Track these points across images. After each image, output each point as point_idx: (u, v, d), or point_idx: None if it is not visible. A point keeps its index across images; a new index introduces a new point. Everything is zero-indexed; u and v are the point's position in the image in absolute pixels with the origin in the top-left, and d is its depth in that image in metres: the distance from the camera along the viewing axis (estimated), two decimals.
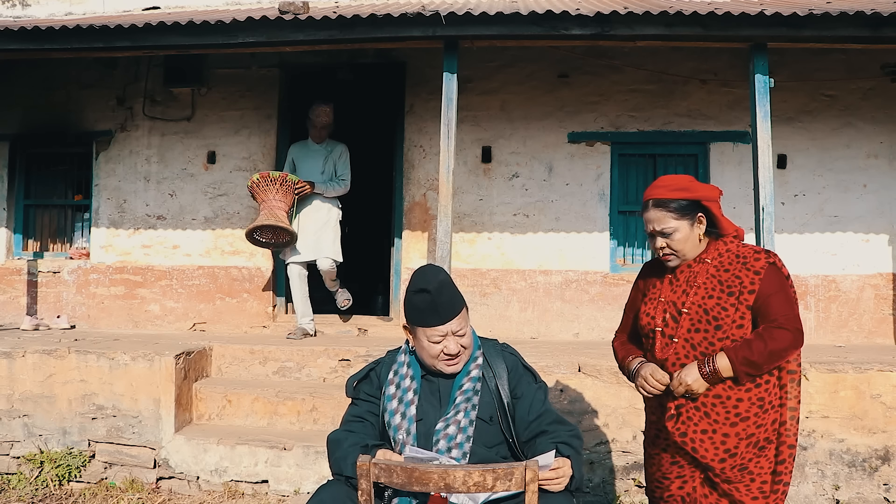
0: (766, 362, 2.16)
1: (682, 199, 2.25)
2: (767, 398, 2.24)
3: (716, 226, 2.30)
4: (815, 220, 6.06)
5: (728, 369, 2.17)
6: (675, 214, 2.26)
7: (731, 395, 2.20)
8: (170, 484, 4.46)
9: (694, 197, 2.26)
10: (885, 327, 6.02)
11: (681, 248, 2.28)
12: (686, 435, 2.25)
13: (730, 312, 2.20)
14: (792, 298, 2.23)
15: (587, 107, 6.30)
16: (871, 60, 5.98)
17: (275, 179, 5.35)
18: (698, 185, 2.29)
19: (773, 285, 2.19)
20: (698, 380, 2.20)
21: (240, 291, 6.52)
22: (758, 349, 2.14)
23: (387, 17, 4.73)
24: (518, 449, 2.23)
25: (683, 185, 2.27)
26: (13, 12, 7.25)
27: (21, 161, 7.00)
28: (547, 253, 6.28)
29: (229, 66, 6.54)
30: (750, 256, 2.24)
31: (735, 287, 2.21)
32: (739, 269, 2.22)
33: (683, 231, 2.26)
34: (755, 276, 2.19)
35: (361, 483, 1.85)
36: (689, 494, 2.32)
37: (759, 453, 2.23)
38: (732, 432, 2.21)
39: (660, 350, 2.32)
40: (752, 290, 2.19)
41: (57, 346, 4.81)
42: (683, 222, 2.25)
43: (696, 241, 2.28)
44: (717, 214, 2.28)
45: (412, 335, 2.27)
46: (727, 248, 2.28)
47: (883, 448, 4.20)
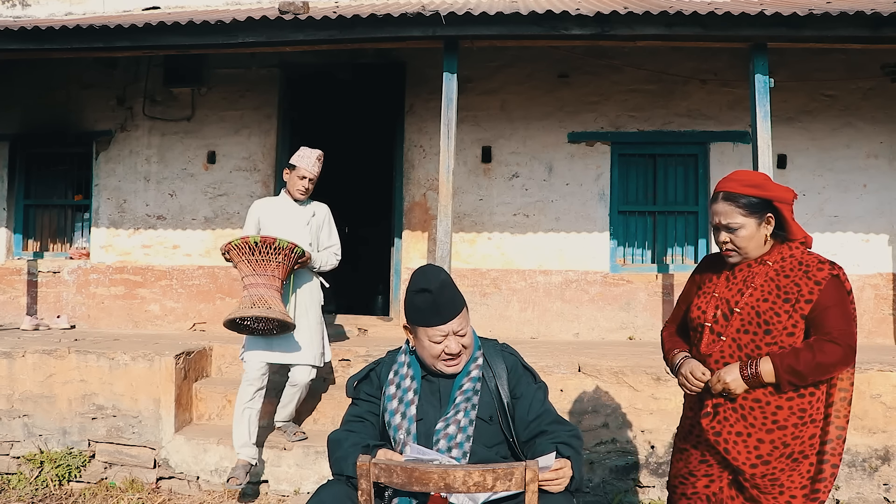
0: (812, 374, 2.11)
1: (752, 196, 2.19)
2: (809, 411, 2.18)
3: (784, 229, 2.23)
4: (815, 220, 6.06)
5: (771, 375, 2.13)
6: (744, 211, 2.20)
7: (771, 402, 2.17)
8: (170, 484, 4.45)
9: (766, 196, 2.19)
10: (885, 327, 6.02)
11: (744, 246, 2.23)
12: (720, 434, 2.22)
13: (782, 318, 2.15)
14: (849, 314, 2.16)
15: (587, 107, 6.30)
16: (871, 60, 5.98)
17: (272, 248, 3.82)
18: (773, 185, 2.22)
19: (832, 298, 2.14)
20: (737, 380, 2.17)
21: (240, 291, 6.51)
22: (805, 360, 2.10)
23: (387, 17, 4.73)
24: (518, 449, 2.23)
25: (757, 182, 2.21)
26: (13, 12, 7.25)
27: (21, 161, 7.00)
28: (547, 253, 6.28)
29: (229, 66, 6.54)
30: (813, 265, 2.18)
31: (792, 294, 2.16)
32: (800, 276, 2.17)
33: (749, 229, 2.20)
34: (815, 286, 2.14)
35: (361, 483, 1.84)
36: (714, 494, 2.29)
37: (792, 466, 2.19)
38: (767, 439, 2.17)
39: (705, 346, 2.29)
40: (809, 299, 2.14)
41: (57, 346, 4.81)
42: (751, 220, 2.20)
43: (760, 241, 2.22)
44: (788, 217, 2.21)
45: (413, 335, 2.27)
46: (791, 254, 2.22)
47: (883, 448, 4.20)
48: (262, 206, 4.30)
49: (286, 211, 4.26)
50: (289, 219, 4.23)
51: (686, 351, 2.41)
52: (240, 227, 6.55)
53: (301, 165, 4.23)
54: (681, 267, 6.29)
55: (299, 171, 4.23)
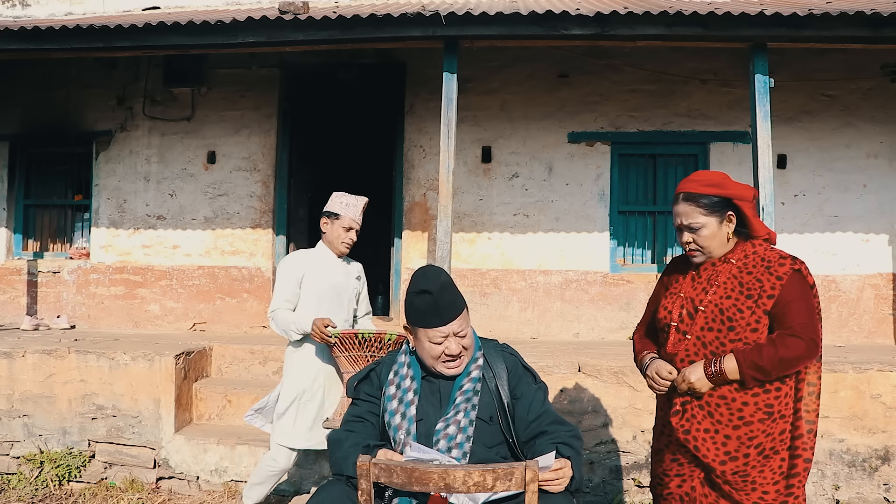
0: (775, 369, 2.13)
1: (713, 196, 2.22)
2: (777, 406, 2.19)
3: (746, 226, 2.26)
4: (815, 220, 6.07)
5: (735, 371, 2.15)
6: (704, 210, 2.23)
7: (737, 398, 2.18)
8: (170, 484, 4.45)
9: (725, 194, 2.22)
10: (885, 327, 6.02)
11: (707, 245, 2.25)
12: (689, 433, 2.24)
13: (745, 315, 2.17)
14: (812, 308, 2.18)
15: (587, 107, 6.30)
16: (871, 60, 5.98)
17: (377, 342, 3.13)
18: (732, 183, 2.25)
19: (794, 292, 2.15)
20: (702, 378, 2.19)
21: (240, 291, 6.52)
22: (767, 355, 2.11)
23: (387, 17, 4.73)
24: (518, 449, 2.23)
25: (716, 181, 2.24)
26: (13, 12, 7.25)
27: (21, 161, 7.00)
28: (547, 253, 6.28)
29: (229, 66, 6.54)
30: (775, 261, 2.19)
31: (755, 290, 2.17)
32: (762, 272, 2.18)
33: (711, 228, 2.23)
34: (777, 281, 2.15)
35: (361, 483, 1.85)
36: (687, 494, 2.31)
37: (763, 462, 2.19)
38: (734, 435, 2.18)
39: (671, 345, 2.31)
40: (771, 294, 2.15)
41: (57, 346, 4.81)
42: (712, 219, 2.23)
43: (723, 240, 2.25)
44: (749, 215, 2.23)
45: (413, 336, 2.27)
46: (754, 251, 2.25)
47: (883, 448, 4.20)
48: (302, 262, 3.45)
49: (332, 270, 3.47)
50: (337, 280, 3.47)
51: (655, 352, 2.44)
52: (240, 227, 6.56)
53: (347, 215, 3.48)
54: None
55: (344, 222, 3.48)
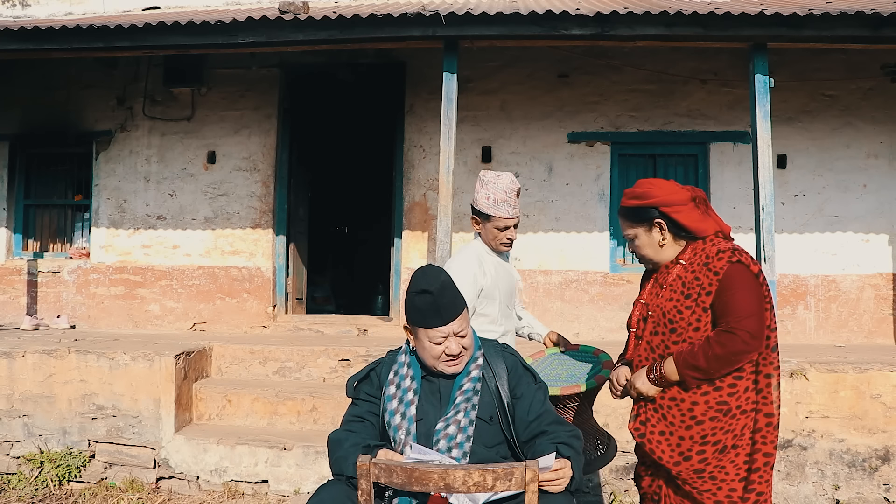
0: (713, 367, 2.10)
1: (633, 207, 2.28)
2: (734, 403, 2.15)
3: (685, 229, 2.24)
4: (815, 220, 6.07)
5: (674, 373, 2.15)
6: (630, 221, 2.29)
7: (686, 398, 2.17)
8: (170, 484, 4.45)
9: (646, 204, 2.24)
10: (885, 327, 6.02)
11: (644, 254, 2.30)
12: (644, 436, 2.26)
13: (685, 315, 2.16)
14: (751, 300, 2.11)
15: (587, 107, 6.30)
16: (871, 60, 5.98)
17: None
18: (656, 192, 2.24)
19: (731, 286, 2.11)
20: (646, 383, 2.22)
21: (240, 291, 6.52)
22: (703, 354, 2.10)
23: (387, 17, 4.73)
24: (518, 449, 2.23)
25: (640, 192, 2.27)
26: (13, 12, 7.25)
27: (21, 161, 7.00)
28: (547, 253, 6.28)
29: (229, 66, 6.54)
30: (713, 256, 2.16)
31: (694, 289, 2.16)
32: (701, 269, 2.17)
33: (641, 237, 2.28)
34: (714, 276, 2.13)
35: (361, 483, 1.84)
36: (655, 493, 2.33)
37: (720, 458, 2.16)
38: (687, 435, 2.17)
39: (630, 351, 2.34)
40: (709, 291, 2.13)
41: (57, 346, 4.81)
42: (639, 229, 2.28)
43: (657, 247, 2.27)
44: (681, 219, 2.21)
45: (413, 336, 2.27)
46: (703, 248, 2.22)
47: (883, 448, 4.20)
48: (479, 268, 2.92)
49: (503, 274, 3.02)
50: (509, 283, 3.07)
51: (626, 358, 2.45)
52: (240, 227, 6.56)
53: (499, 215, 2.87)
54: None
55: (497, 223, 2.90)
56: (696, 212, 2.24)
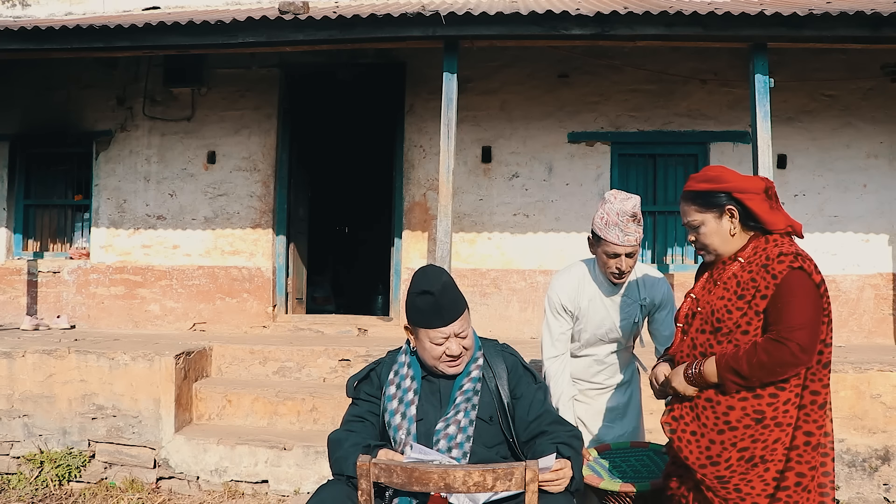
0: (755, 375, 1.98)
1: (706, 191, 2.12)
2: (771, 413, 2.02)
3: (756, 220, 2.11)
4: (815, 220, 6.06)
5: (714, 375, 2.04)
6: (699, 207, 2.14)
7: (722, 402, 2.06)
8: (170, 484, 4.46)
9: (719, 188, 2.11)
10: (885, 327, 6.02)
11: (709, 243, 2.15)
12: (675, 432, 2.16)
13: (734, 316, 2.04)
14: (810, 310, 1.97)
15: (587, 107, 6.30)
16: (871, 60, 5.98)
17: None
18: (732, 176, 2.13)
19: (788, 293, 1.97)
20: (682, 382, 2.11)
21: (240, 291, 6.52)
22: (746, 360, 1.98)
23: (387, 17, 4.73)
24: (518, 449, 2.23)
25: (713, 175, 2.14)
26: (13, 12, 7.25)
27: (21, 161, 7.00)
28: (547, 253, 6.28)
29: (229, 66, 6.54)
30: (774, 258, 2.02)
31: (749, 291, 2.03)
32: (759, 270, 2.03)
33: (710, 224, 2.13)
34: (772, 280, 2.00)
35: (361, 483, 1.84)
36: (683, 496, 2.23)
37: (748, 469, 2.04)
38: (718, 440, 2.06)
39: (674, 346, 2.24)
40: (764, 294, 2.00)
41: (57, 346, 4.81)
42: (708, 215, 2.13)
43: (726, 236, 2.13)
44: (755, 208, 2.09)
45: (414, 336, 2.27)
46: (765, 247, 2.08)
47: (883, 448, 4.20)
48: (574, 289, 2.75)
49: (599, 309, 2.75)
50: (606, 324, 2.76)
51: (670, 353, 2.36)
52: (240, 227, 6.56)
53: (609, 238, 2.60)
54: (681, 267, 6.29)
55: (607, 248, 2.63)
56: (766, 203, 2.13)
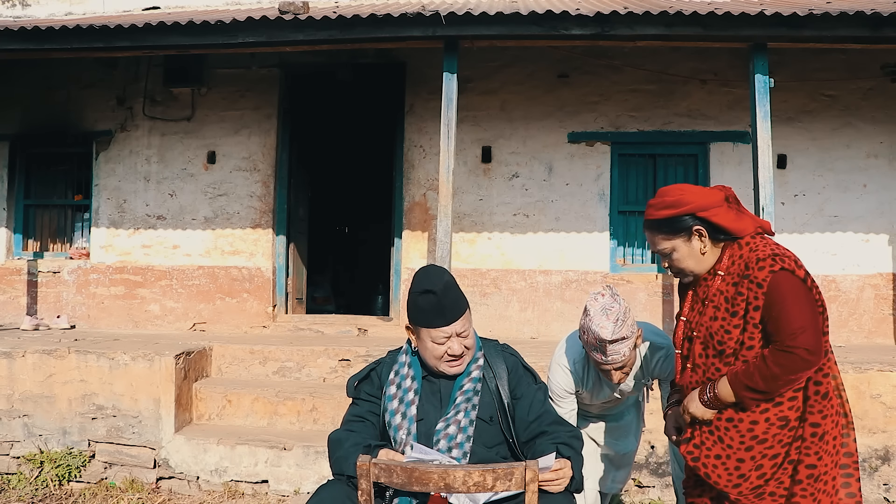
0: (773, 388, 1.94)
1: (670, 217, 2.06)
2: (794, 415, 2.01)
3: (725, 232, 2.06)
4: (815, 220, 6.06)
5: (730, 395, 2.00)
6: (665, 234, 2.09)
7: (744, 419, 2.01)
8: (170, 484, 4.45)
9: (683, 212, 2.05)
10: (885, 327, 6.02)
11: (684, 267, 2.11)
12: (698, 460, 2.10)
13: (733, 335, 2.00)
14: (802, 310, 1.93)
15: (587, 107, 6.30)
16: (871, 60, 5.98)
17: None
18: (690, 197, 2.06)
19: (780, 299, 1.93)
20: (699, 407, 2.06)
21: (240, 291, 6.52)
22: (759, 375, 1.94)
23: (387, 17, 4.73)
24: (518, 449, 2.23)
25: (671, 200, 2.07)
26: (13, 12, 7.25)
27: (21, 161, 7.00)
28: (547, 253, 6.28)
29: (229, 66, 6.54)
30: (754, 266, 1.97)
31: (740, 306, 1.99)
32: (742, 281, 1.99)
33: (681, 249, 2.09)
34: (758, 289, 1.95)
35: (361, 483, 1.84)
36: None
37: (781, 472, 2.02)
38: (747, 456, 2.02)
39: (679, 376, 2.18)
40: (756, 306, 1.96)
41: (57, 346, 4.81)
42: (677, 240, 2.08)
43: (699, 256, 2.09)
44: (721, 221, 2.05)
45: (415, 336, 2.27)
46: (741, 254, 2.04)
47: (883, 448, 4.20)
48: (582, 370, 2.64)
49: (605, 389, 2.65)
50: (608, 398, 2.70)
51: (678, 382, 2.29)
52: (240, 227, 6.56)
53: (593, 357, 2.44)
54: None
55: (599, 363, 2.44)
56: (731, 212, 2.08)
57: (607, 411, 2.82)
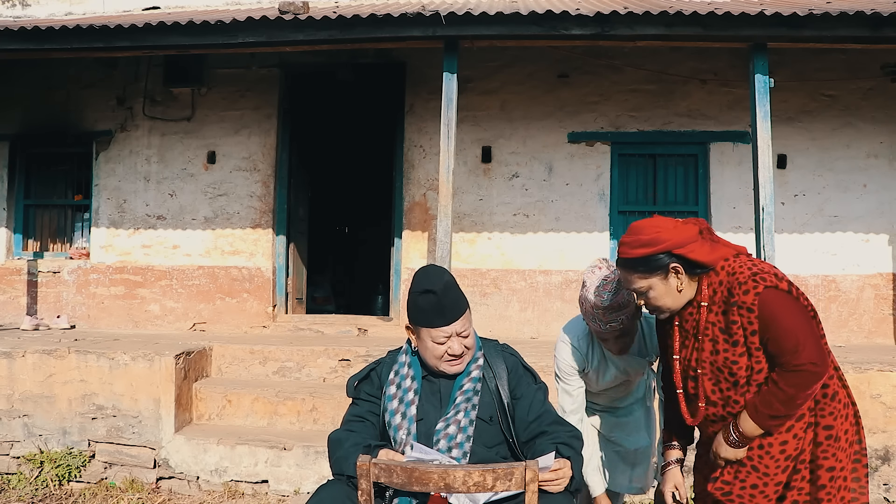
0: (793, 407, 1.94)
1: (646, 256, 2.02)
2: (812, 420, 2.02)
3: (700, 266, 2.04)
4: (815, 220, 6.07)
5: (756, 429, 1.98)
6: (641, 273, 2.05)
7: (773, 442, 2.00)
8: (170, 484, 4.46)
9: (659, 250, 2.01)
10: (885, 327, 6.02)
11: (661, 304, 2.08)
12: (731, 493, 2.05)
13: (742, 364, 1.98)
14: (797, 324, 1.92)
15: (587, 107, 6.30)
16: (871, 60, 5.98)
17: None
18: (666, 234, 2.02)
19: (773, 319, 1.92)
20: (731, 451, 2.03)
21: (240, 291, 6.52)
22: (776, 400, 1.93)
23: (387, 17, 4.73)
24: (518, 449, 2.23)
25: (647, 239, 2.03)
26: (13, 12, 7.25)
27: (21, 161, 7.00)
28: (547, 253, 6.28)
29: (229, 66, 6.54)
30: (738, 292, 1.95)
31: (737, 334, 1.97)
32: (731, 309, 1.97)
33: (658, 288, 2.05)
34: (749, 314, 1.94)
35: (361, 483, 1.84)
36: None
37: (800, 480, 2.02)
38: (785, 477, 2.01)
39: (689, 416, 2.14)
40: (753, 330, 1.95)
41: (57, 346, 4.81)
42: (654, 279, 2.04)
43: (675, 294, 2.06)
44: (698, 257, 2.02)
45: (415, 336, 2.27)
46: (720, 280, 2.02)
47: (883, 448, 4.20)
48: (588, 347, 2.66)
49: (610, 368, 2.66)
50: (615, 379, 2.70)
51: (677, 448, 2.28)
52: (240, 227, 6.56)
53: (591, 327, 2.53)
54: None
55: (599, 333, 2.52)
56: (706, 244, 2.04)
57: (616, 403, 2.82)
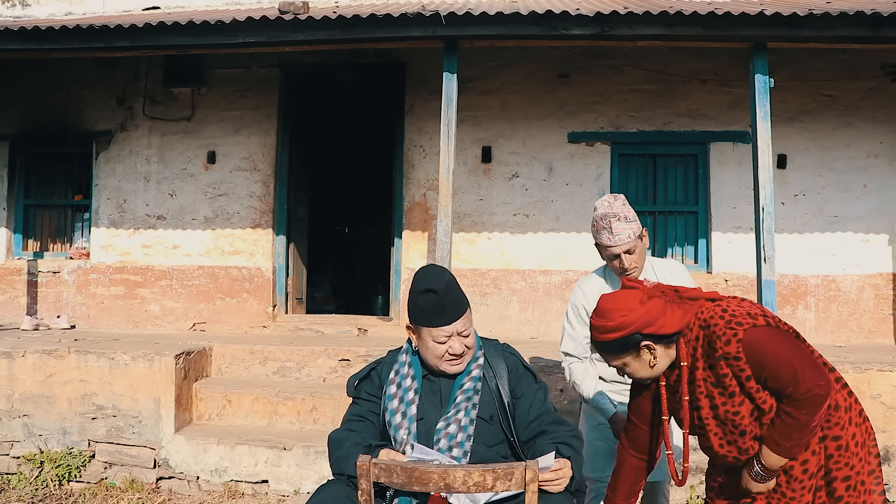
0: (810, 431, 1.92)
1: (615, 340, 2.02)
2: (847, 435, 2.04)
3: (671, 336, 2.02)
4: (815, 220, 6.07)
5: (780, 461, 1.96)
6: (614, 354, 2.06)
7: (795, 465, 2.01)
8: (170, 484, 4.46)
9: (628, 333, 2.00)
10: (885, 327, 6.02)
11: (640, 377, 2.09)
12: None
13: (743, 412, 1.97)
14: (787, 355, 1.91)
15: (587, 107, 6.30)
16: (871, 60, 5.98)
17: None
18: (633, 316, 2.00)
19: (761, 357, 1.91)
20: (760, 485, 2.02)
21: (240, 291, 6.52)
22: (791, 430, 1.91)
23: (387, 17, 4.73)
24: (518, 449, 2.23)
25: (613, 325, 2.02)
26: (13, 12, 7.25)
27: (21, 161, 7.00)
28: (547, 253, 6.28)
29: (229, 66, 6.54)
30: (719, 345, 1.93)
31: (731, 385, 1.95)
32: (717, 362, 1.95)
33: (632, 364, 2.06)
34: (737, 362, 1.92)
35: (362, 483, 1.84)
36: None
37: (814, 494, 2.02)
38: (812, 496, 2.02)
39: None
40: (748, 376, 1.93)
41: (57, 346, 4.81)
42: (627, 357, 2.05)
43: (648, 367, 2.05)
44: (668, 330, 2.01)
45: (416, 335, 2.27)
46: (696, 336, 2.00)
47: (883, 448, 4.19)
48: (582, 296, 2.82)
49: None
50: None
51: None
52: (240, 227, 6.56)
53: (603, 242, 2.68)
54: None
55: (605, 251, 2.71)
56: (677, 312, 2.02)
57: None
